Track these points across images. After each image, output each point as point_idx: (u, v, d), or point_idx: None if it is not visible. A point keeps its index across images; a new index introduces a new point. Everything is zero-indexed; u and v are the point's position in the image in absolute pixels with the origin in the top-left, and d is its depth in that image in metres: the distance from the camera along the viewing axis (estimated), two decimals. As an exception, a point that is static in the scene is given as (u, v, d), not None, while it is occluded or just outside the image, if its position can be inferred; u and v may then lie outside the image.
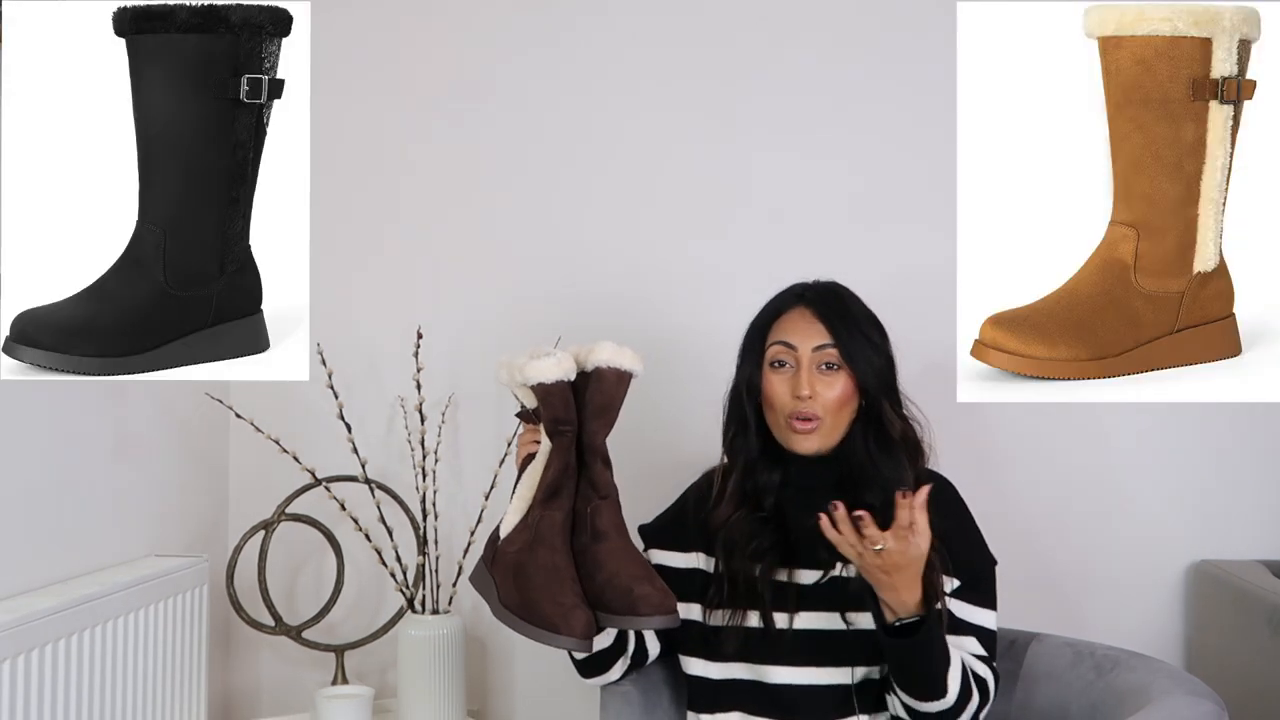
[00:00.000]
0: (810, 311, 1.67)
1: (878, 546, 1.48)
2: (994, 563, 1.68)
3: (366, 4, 2.44)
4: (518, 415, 1.68)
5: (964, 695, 1.55)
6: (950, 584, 1.62)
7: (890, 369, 1.68)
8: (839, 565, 1.62)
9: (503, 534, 1.66)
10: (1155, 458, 2.28)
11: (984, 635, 1.63)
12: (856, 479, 1.65)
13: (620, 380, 1.60)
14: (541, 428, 1.62)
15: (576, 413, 1.60)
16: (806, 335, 1.65)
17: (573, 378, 1.59)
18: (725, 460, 1.74)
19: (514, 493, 1.67)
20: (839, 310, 1.67)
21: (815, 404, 1.63)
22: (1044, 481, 2.30)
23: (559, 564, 1.58)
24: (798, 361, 1.65)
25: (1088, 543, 2.29)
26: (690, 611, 1.69)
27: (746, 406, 1.69)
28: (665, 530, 1.78)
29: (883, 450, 1.65)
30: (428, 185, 2.42)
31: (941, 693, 1.53)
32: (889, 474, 1.63)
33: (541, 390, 1.57)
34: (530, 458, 1.65)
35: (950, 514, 1.66)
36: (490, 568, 1.67)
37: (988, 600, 1.65)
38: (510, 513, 1.66)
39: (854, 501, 1.62)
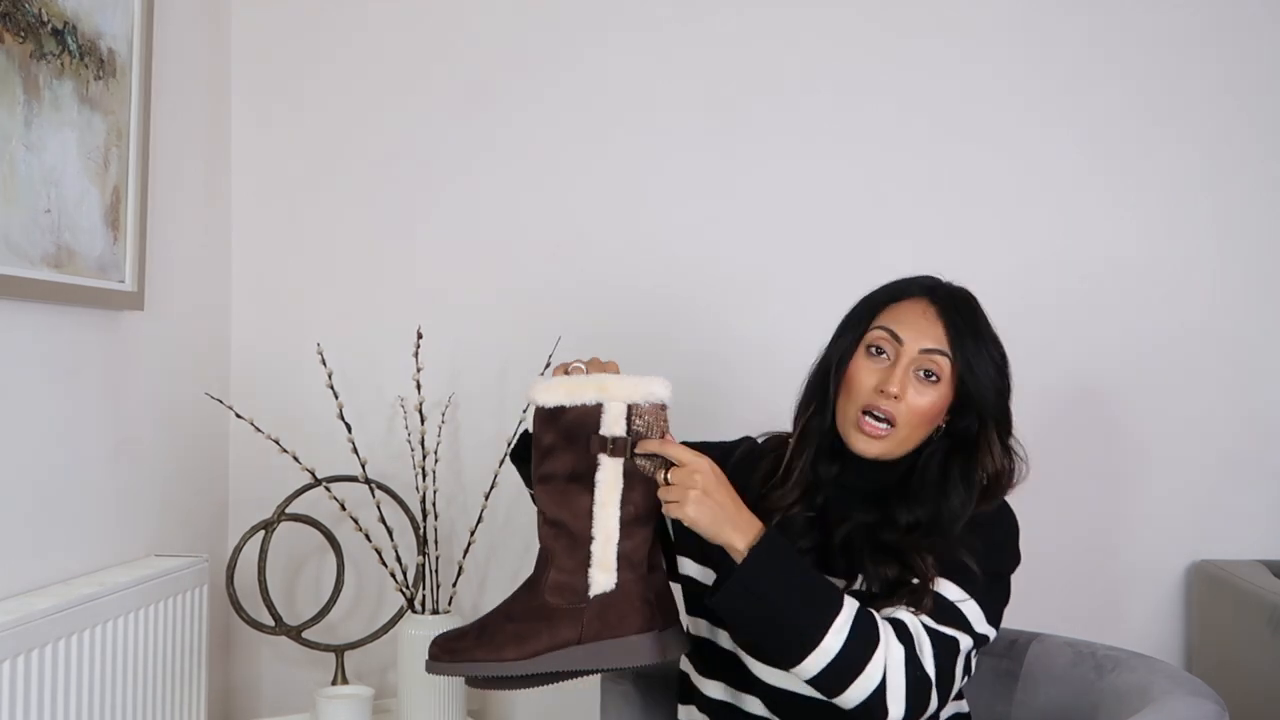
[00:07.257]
0: (935, 309, 1.47)
1: (663, 472, 1.36)
2: (999, 566, 1.50)
3: (368, 6, 2.44)
4: (607, 451, 1.39)
5: (862, 641, 1.34)
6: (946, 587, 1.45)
7: (1008, 396, 1.50)
8: (858, 579, 1.46)
9: (597, 591, 1.42)
10: (1156, 458, 2.28)
11: (938, 601, 1.42)
12: (908, 492, 1.48)
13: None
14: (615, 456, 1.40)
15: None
16: (919, 332, 1.46)
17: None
18: (794, 438, 1.55)
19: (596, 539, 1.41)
20: (967, 318, 1.48)
21: (899, 407, 1.45)
22: (1044, 481, 2.29)
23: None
24: (898, 356, 1.46)
25: (1088, 542, 2.29)
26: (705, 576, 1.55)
27: (831, 384, 1.50)
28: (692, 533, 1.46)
29: (964, 479, 1.47)
30: (428, 186, 2.42)
31: (811, 644, 1.32)
32: (955, 503, 1.46)
33: (653, 410, 1.40)
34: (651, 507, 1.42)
35: (970, 531, 1.47)
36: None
37: (964, 583, 1.43)
38: (599, 568, 1.41)
39: (886, 513, 1.47)
